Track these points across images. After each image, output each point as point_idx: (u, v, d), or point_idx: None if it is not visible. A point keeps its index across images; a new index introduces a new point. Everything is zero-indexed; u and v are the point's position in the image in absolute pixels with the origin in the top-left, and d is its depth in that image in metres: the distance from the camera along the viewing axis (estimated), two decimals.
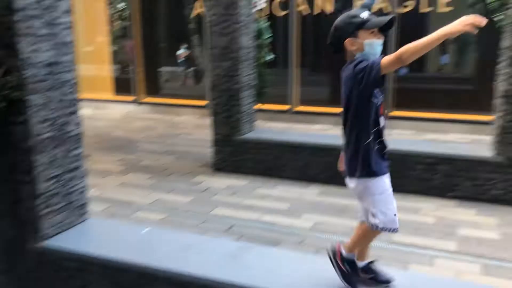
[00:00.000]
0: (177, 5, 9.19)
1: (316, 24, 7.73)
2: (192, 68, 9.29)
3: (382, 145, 2.29)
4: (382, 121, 2.27)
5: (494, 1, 3.96)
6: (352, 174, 2.24)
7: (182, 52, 9.20)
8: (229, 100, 5.01)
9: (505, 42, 3.97)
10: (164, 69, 9.60)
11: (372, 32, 2.20)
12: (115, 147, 6.37)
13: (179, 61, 9.31)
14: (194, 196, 4.50)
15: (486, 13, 4.28)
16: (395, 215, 2.25)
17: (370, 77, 2.08)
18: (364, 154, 2.22)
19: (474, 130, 6.50)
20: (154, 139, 6.85)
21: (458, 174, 4.22)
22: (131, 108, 9.18)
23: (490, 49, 4.13)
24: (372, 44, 2.19)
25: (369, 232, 2.32)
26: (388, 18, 2.17)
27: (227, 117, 5.05)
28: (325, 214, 4.04)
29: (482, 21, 1.84)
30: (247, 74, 5.04)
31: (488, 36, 5.19)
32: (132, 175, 5.17)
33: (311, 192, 4.56)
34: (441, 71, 7.68)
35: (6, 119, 2.53)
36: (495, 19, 4.27)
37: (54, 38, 2.60)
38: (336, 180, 4.66)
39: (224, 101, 5.03)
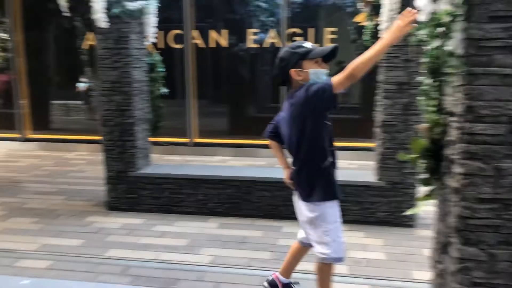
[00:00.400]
0: (68, 36, 8.78)
1: (212, 56, 7.87)
2: (89, 102, 8.88)
3: (335, 167, 2.34)
4: (334, 144, 2.32)
5: (369, 40, 4.35)
6: (309, 199, 2.22)
7: (81, 85, 8.76)
8: (121, 135, 4.84)
9: (380, 76, 4.35)
10: (56, 103, 9.04)
11: (316, 62, 2.27)
12: None
13: (78, 93, 8.83)
14: (86, 239, 4.22)
15: (364, 49, 4.65)
16: (344, 242, 2.29)
17: (324, 99, 2.11)
18: (323, 177, 2.23)
19: (362, 156, 6.98)
20: (41, 179, 6.36)
21: (347, 200, 4.48)
22: (16, 145, 8.48)
23: (372, 80, 4.50)
24: (318, 73, 2.25)
25: (323, 267, 2.31)
26: (331, 47, 2.26)
27: (120, 153, 4.87)
28: (225, 247, 4.02)
29: (413, 14, 1.95)
30: (140, 108, 4.94)
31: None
32: (15, 220, 4.72)
33: (211, 226, 4.52)
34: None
35: None
36: None
37: None
38: (236, 211, 4.72)
39: (117, 136, 4.85)
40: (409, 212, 2.75)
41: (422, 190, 2.41)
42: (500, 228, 1.93)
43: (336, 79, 2.11)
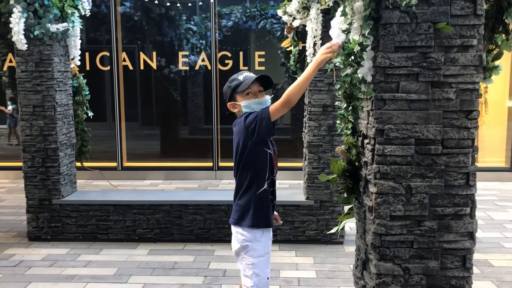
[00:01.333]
0: None
1: (141, 78, 7.76)
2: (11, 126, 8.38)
3: (274, 195, 2.34)
4: (275, 171, 2.33)
5: (294, 64, 4.51)
6: (240, 223, 2.19)
7: (9, 107, 8.28)
8: (44, 161, 4.62)
9: (306, 99, 4.52)
10: None
11: (248, 94, 2.28)
12: None
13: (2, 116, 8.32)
14: (4, 273, 3.94)
15: (293, 72, 4.83)
16: (268, 278, 2.28)
17: (262, 127, 2.13)
18: (258, 202, 2.22)
19: (293, 175, 7.15)
20: None
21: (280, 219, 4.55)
22: None
23: (300, 103, 4.65)
24: (249, 105, 2.27)
25: None
26: (253, 76, 2.29)
27: (43, 180, 4.63)
28: (154, 274, 3.92)
29: (336, 45, 2.05)
30: (64, 133, 4.74)
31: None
32: None
33: (140, 253, 4.40)
34: None
35: None
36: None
37: None
38: (167, 236, 4.63)
39: (39, 163, 4.62)
40: (332, 230, 2.85)
41: (347, 208, 2.52)
42: (413, 243, 2.06)
43: (273, 106, 2.17)
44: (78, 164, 5.10)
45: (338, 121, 2.35)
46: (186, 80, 7.85)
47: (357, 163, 2.27)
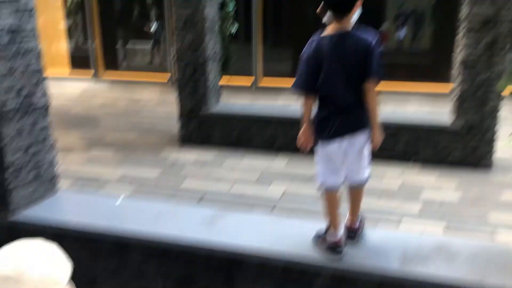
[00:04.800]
0: None
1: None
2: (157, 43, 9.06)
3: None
4: None
5: None
6: (365, 126, 2.28)
7: (153, 26, 8.86)
8: (194, 73, 4.95)
9: (463, 12, 4.11)
10: (132, 45, 9.27)
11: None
12: (76, 124, 6.19)
13: (149, 34, 8.99)
14: (162, 170, 4.47)
15: None
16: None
17: (380, 66, 2.17)
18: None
19: (434, 99, 6.75)
20: (116, 116, 6.69)
21: (419, 142, 4.40)
22: (89, 85, 8.90)
23: (445, 20, 4.27)
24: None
25: (362, 190, 2.40)
26: None
27: (192, 91, 5.00)
28: (294, 182, 4.12)
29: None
30: (212, 47, 4.99)
31: (443, 8, 5.37)
32: (96, 151, 5.06)
33: (279, 163, 4.62)
34: (400, 45, 7.88)
35: None
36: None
37: (16, 3, 2.49)
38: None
39: (189, 75, 4.97)
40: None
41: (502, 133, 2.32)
42: None
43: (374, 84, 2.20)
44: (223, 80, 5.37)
45: None
46: None
47: None
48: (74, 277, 1.17)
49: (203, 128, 5.07)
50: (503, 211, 3.47)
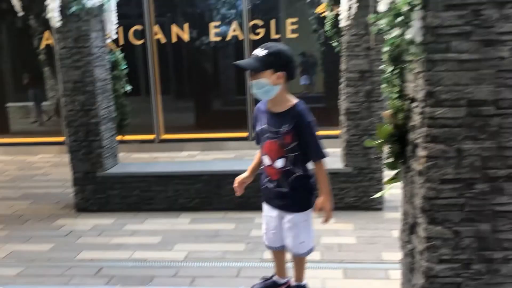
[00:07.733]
0: (23, 36, 8.48)
1: (174, 51, 7.78)
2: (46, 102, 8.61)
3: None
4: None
5: (329, 30, 4.43)
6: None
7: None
8: (87, 135, 4.75)
9: (342, 65, 4.44)
10: (14, 105, 8.70)
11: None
12: None
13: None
14: (56, 243, 4.14)
15: (328, 38, 4.76)
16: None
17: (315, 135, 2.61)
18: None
19: (329, 144, 7.09)
20: (4, 184, 6.17)
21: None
22: None
23: (335, 70, 4.60)
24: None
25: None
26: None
27: (86, 153, 4.78)
28: (198, 242, 4.04)
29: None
30: (105, 107, 4.85)
31: (332, 59, 5.79)
32: None
33: (182, 222, 4.52)
34: (301, 92, 8.23)
35: None
36: (333, 45, 4.76)
37: None
38: (207, 205, 4.73)
39: (82, 137, 4.76)
40: (376, 195, 2.85)
41: (388, 174, 2.50)
42: (463, 206, 2.03)
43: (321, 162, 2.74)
44: (119, 137, 5.23)
45: (383, 85, 2.31)
46: (218, 51, 7.83)
47: (403, 128, 2.24)
48: None
49: (100, 191, 4.83)
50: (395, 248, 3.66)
